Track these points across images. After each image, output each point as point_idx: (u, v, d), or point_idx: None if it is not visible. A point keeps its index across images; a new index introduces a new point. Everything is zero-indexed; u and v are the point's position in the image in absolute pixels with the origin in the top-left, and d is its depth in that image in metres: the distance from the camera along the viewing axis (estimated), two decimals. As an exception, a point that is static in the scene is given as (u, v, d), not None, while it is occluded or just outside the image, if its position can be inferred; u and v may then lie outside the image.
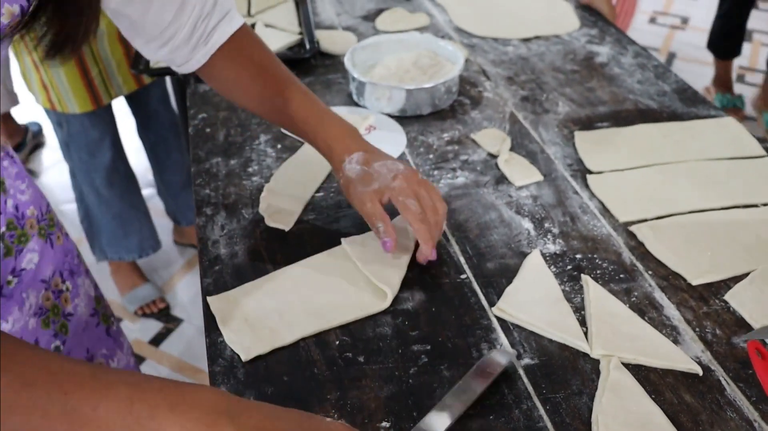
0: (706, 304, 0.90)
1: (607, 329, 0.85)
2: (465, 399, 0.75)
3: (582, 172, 1.14)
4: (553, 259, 0.97)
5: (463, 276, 0.94)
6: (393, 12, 1.69)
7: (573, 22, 1.64)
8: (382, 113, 1.30)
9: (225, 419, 0.54)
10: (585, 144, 1.20)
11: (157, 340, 2.19)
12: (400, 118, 1.29)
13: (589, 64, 1.47)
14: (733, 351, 0.83)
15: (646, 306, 0.89)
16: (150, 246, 2.26)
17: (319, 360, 0.82)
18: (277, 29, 1.60)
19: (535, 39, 1.58)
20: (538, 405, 0.77)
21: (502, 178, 1.13)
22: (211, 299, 0.90)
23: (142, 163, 2.61)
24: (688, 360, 0.81)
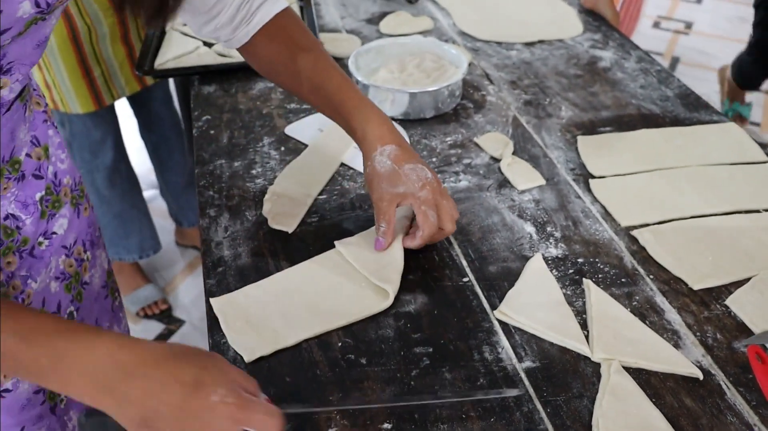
0: (707, 309, 0.90)
1: (609, 333, 0.85)
2: None
3: (584, 177, 1.15)
4: (555, 263, 0.97)
5: (465, 279, 0.95)
6: (397, 15, 1.70)
7: (576, 26, 1.65)
8: (386, 116, 1.30)
9: (107, 394, 0.63)
10: (587, 148, 1.21)
11: (160, 337, 2.19)
12: (404, 121, 1.29)
13: (592, 69, 1.47)
14: (733, 356, 0.84)
15: (648, 311, 0.90)
16: (150, 247, 2.27)
17: (321, 361, 0.83)
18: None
19: (538, 43, 1.58)
20: (539, 407, 0.77)
21: (505, 182, 1.13)
22: (213, 300, 0.90)
23: (144, 164, 2.62)
24: (688, 364, 0.82)
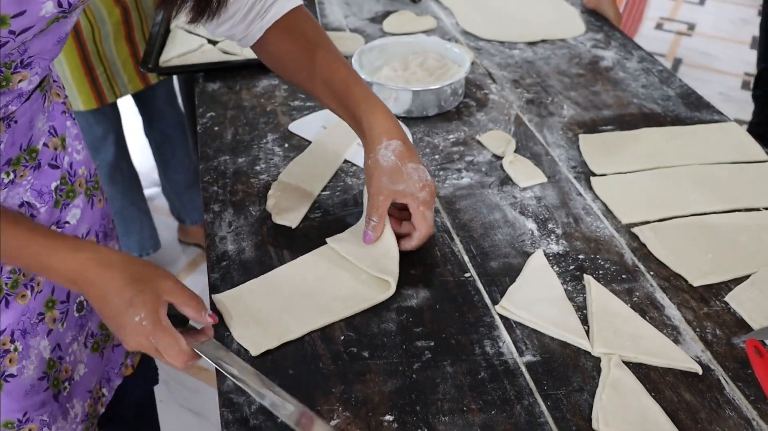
0: (707, 305, 0.91)
1: (609, 328, 0.86)
2: None
3: (586, 175, 1.15)
4: (556, 259, 0.98)
5: (467, 274, 0.96)
6: (400, 14, 1.71)
7: (579, 26, 1.66)
8: (389, 114, 1.31)
9: (78, 289, 0.78)
10: (589, 147, 1.22)
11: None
12: (407, 119, 1.30)
13: (594, 68, 1.48)
14: (732, 352, 0.84)
15: (648, 306, 0.91)
16: (150, 245, 2.28)
17: (324, 354, 0.84)
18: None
19: (541, 43, 1.59)
20: (539, 401, 0.78)
21: (507, 179, 1.14)
22: (216, 297, 0.91)
23: (147, 162, 2.63)
24: (688, 359, 0.82)
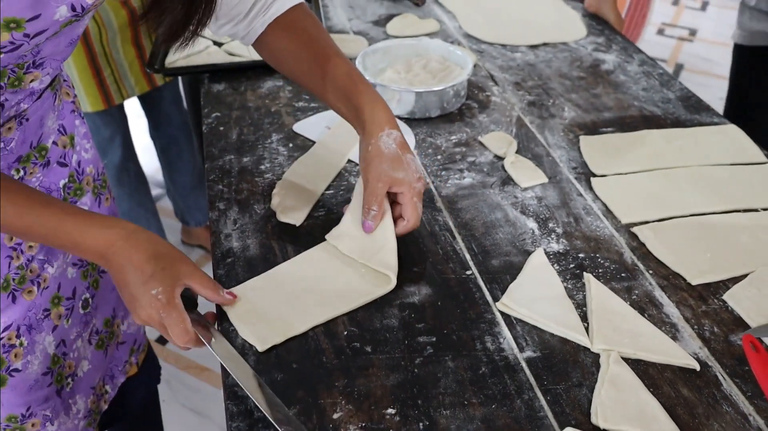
0: (705, 303, 0.92)
1: (608, 325, 0.87)
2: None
3: (586, 175, 1.17)
4: (556, 258, 0.99)
5: (468, 272, 0.97)
6: (403, 18, 1.72)
7: (580, 30, 1.67)
8: (392, 115, 1.32)
9: (102, 260, 0.81)
10: (590, 148, 1.23)
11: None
12: (410, 120, 1.31)
13: (595, 71, 1.50)
14: (730, 349, 0.86)
15: (647, 304, 0.92)
16: None
17: (327, 349, 0.85)
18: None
19: (542, 46, 1.61)
20: (539, 395, 0.79)
21: (508, 180, 1.15)
22: None
23: (151, 164, 2.65)
24: (686, 355, 0.84)
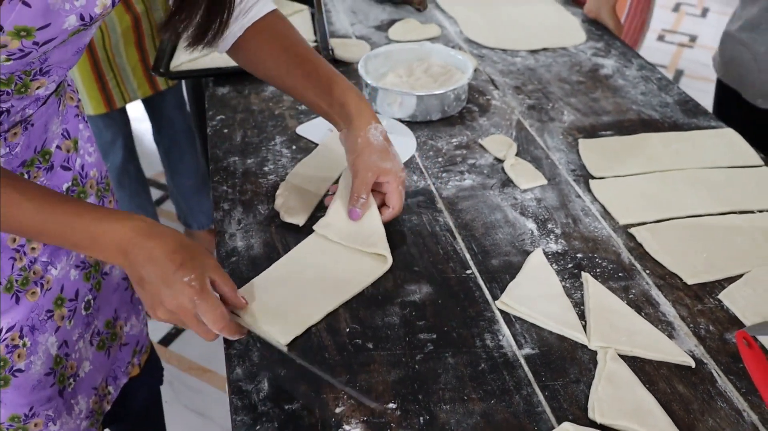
0: (701, 302, 0.94)
1: (605, 323, 0.89)
2: None
3: (585, 177, 1.18)
4: (554, 257, 1.01)
5: (468, 271, 0.98)
6: (405, 23, 1.74)
7: (580, 35, 1.69)
8: (394, 118, 1.35)
9: (122, 255, 0.77)
10: (589, 151, 1.25)
11: (166, 340, 2.23)
12: (411, 123, 1.33)
13: (594, 76, 1.52)
14: (725, 347, 0.87)
15: (643, 303, 0.93)
16: None
17: (330, 345, 0.87)
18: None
19: (542, 51, 1.63)
20: (537, 391, 0.81)
21: (508, 181, 1.17)
22: None
23: (154, 168, 2.67)
24: (681, 352, 0.85)
